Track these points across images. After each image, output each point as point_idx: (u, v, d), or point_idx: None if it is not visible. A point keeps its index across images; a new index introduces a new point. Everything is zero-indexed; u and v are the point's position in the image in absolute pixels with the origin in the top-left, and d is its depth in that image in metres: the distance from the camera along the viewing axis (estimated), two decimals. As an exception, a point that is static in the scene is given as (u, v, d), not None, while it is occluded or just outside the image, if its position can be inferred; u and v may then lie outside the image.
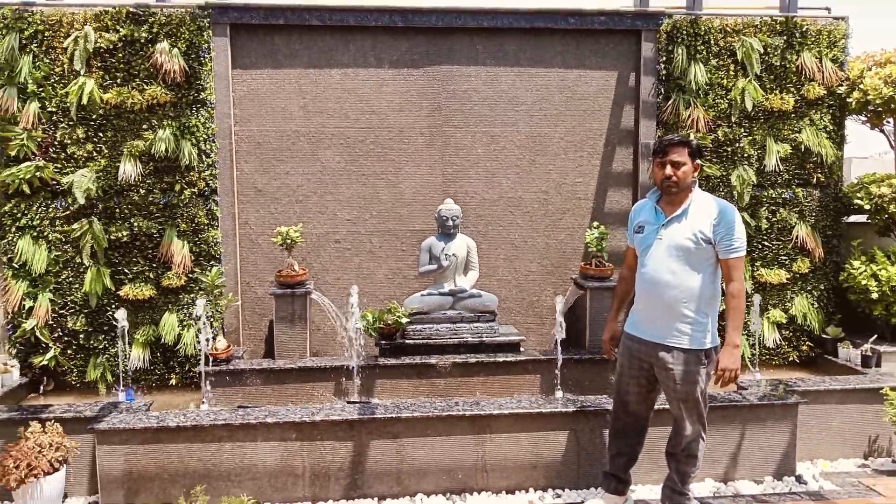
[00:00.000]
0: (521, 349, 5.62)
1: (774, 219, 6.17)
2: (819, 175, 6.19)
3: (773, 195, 6.16)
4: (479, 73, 6.01)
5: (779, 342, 6.16)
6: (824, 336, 6.13)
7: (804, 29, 6.08)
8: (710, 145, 6.02)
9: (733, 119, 6.06)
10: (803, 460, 4.84)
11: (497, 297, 5.69)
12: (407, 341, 5.51)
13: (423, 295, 5.61)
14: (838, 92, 6.10)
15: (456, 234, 5.66)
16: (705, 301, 3.58)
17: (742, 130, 6.08)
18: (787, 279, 6.16)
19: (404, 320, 5.46)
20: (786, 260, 6.19)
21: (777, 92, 6.08)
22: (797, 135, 6.11)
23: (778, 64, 6.07)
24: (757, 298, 5.64)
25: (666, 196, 3.68)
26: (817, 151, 6.09)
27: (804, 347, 6.25)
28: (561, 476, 4.44)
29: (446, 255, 5.56)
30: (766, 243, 6.18)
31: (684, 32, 5.98)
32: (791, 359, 6.25)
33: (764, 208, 6.14)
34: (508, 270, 6.18)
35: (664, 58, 6.03)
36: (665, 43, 6.02)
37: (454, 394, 5.35)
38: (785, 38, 6.06)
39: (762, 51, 6.00)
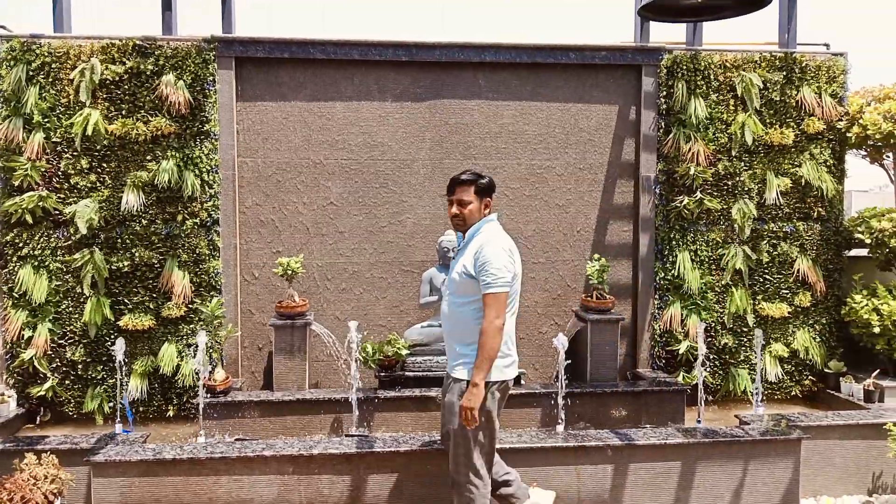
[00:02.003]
0: (522, 382, 5.58)
1: (775, 252, 6.17)
2: (820, 209, 6.21)
3: (774, 229, 6.17)
4: (481, 106, 6.06)
5: (781, 376, 6.13)
6: (826, 370, 6.09)
7: (804, 64, 6.15)
8: (711, 179, 6.04)
9: (733, 153, 6.09)
10: (806, 497, 4.78)
11: (498, 330, 5.66)
12: (407, 373, 5.48)
13: (424, 326, 5.59)
14: (838, 126, 6.15)
15: (457, 266, 5.65)
16: (469, 334, 3.52)
17: (742, 164, 6.11)
18: (789, 313, 6.14)
19: (404, 352, 5.44)
20: (787, 294, 6.18)
21: (777, 126, 6.12)
22: (797, 169, 6.14)
23: (778, 99, 6.12)
24: (758, 332, 5.61)
25: (459, 232, 3.80)
26: (817, 185, 6.11)
27: (806, 382, 6.21)
28: (561, 512, 4.38)
29: (447, 286, 5.54)
30: (768, 277, 6.17)
31: (684, 67, 6.04)
32: (793, 393, 6.21)
33: (765, 242, 6.15)
34: (509, 302, 6.16)
35: (664, 92, 6.09)
36: (665, 77, 6.08)
37: (454, 427, 5.30)
38: (784, 73, 6.12)
39: (762, 86, 6.06)
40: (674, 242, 6.11)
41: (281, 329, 5.48)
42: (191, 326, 5.59)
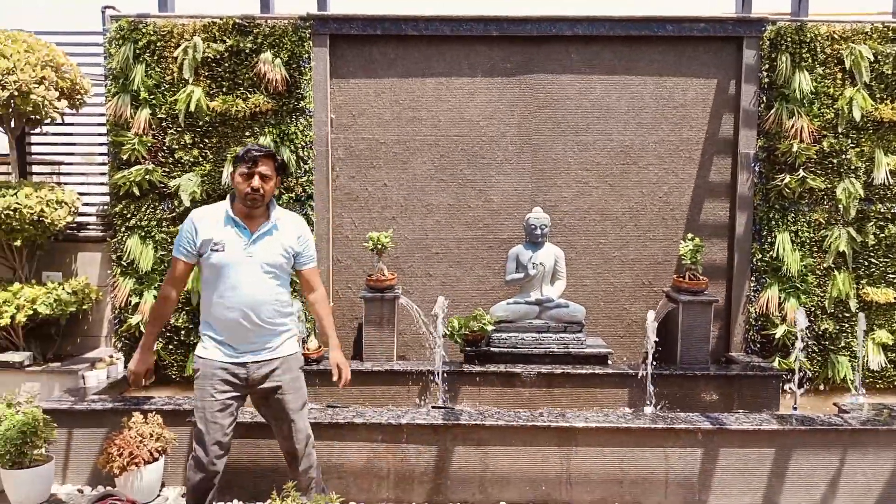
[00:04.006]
0: (609, 362, 5.53)
1: (882, 235, 5.83)
2: (935, 189, 5.83)
3: (882, 210, 5.83)
4: (573, 81, 5.96)
5: (884, 365, 5.83)
6: (937, 361, 5.75)
7: (921, 34, 5.75)
8: (815, 156, 5.76)
9: (840, 129, 5.78)
10: (911, 492, 4.55)
11: (584, 308, 5.62)
12: (492, 349, 5.52)
13: (510, 303, 5.61)
14: (958, 101, 5.73)
15: (544, 243, 5.64)
16: (289, 305, 3.63)
17: (849, 141, 5.79)
18: (895, 298, 5.81)
19: (490, 328, 5.48)
20: (894, 278, 5.85)
21: (888, 102, 5.76)
22: (911, 146, 5.77)
23: (890, 72, 5.75)
24: (861, 317, 5.35)
25: (246, 209, 3.41)
26: (933, 164, 5.73)
27: (913, 372, 5.89)
28: (647, 494, 4.34)
29: (534, 263, 5.54)
30: (873, 260, 5.86)
31: (789, 39, 5.75)
32: (898, 383, 5.91)
33: (871, 224, 5.83)
34: (597, 281, 6.09)
35: (766, 65, 5.82)
36: (768, 50, 5.81)
37: (538, 404, 5.32)
38: (899, 44, 5.74)
39: (872, 59, 5.70)
40: (773, 223, 5.87)
41: (371, 301, 5.61)
42: (285, 297, 5.79)
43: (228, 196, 3.50)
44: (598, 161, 6.01)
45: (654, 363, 5.17)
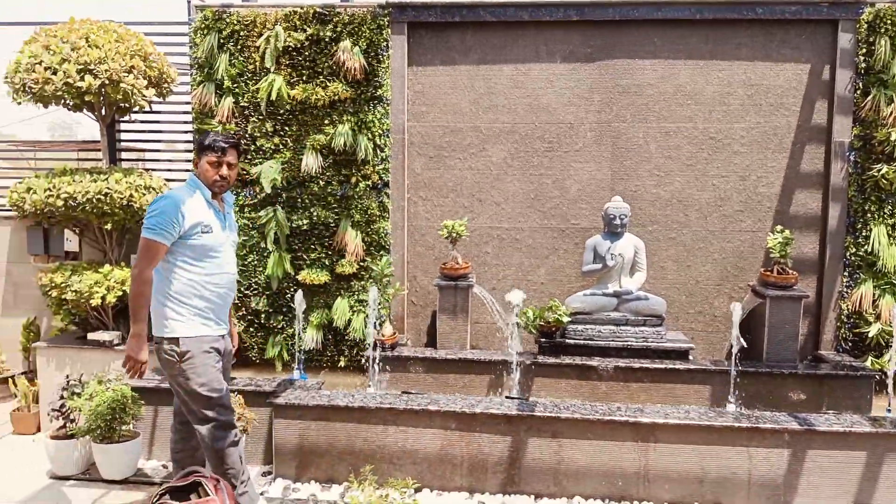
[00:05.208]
0: (690, 357, 5.36)
1: None
2: None
3: None
4: (655, 66, 5.78)
5: None
6: None
7: None
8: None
9: (946, 116, 5.41)
10: None
11: (665, 301, 5.46)
12: (567, 341, 5.43)
13: (586, 295, 5.50)
14: None
15: (623, 234, 5.50)
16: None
17: (957, 129, 5.41)
18: None
19: (565, 319, 5.39)
20: None
21: None
22: None
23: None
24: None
25: (213, 194, 3.65)
26: None
27: None
28: (728, 494, 4.19)
29: (612, 254, 5.42)
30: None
31: (888, 22, 5.41)
32: None
33: (980, 217, 5.45)
34: (678, 274, 5.91)
35: (864, 49, 5.49)
36: (865, 33, 5.48)
37: (615, 398, 5.21)
38: None
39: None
40: (868, 215, 5.55)
41: (445, 290, 5.60)
42: (361, 283, 5.85)
43: (190, 180, 3.64)
44: (682, 149, 5.82)
45: (739, 360, 4.98)
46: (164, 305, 3.51)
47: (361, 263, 5.84)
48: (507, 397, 5.01)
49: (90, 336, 5.58)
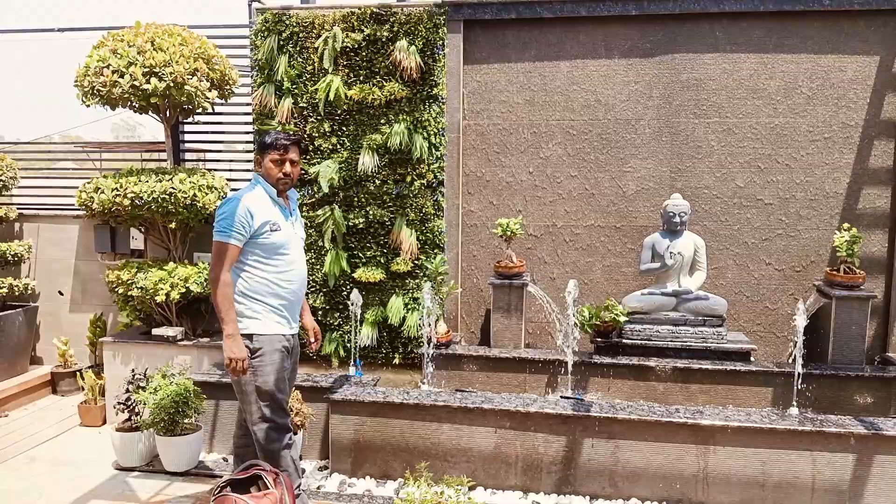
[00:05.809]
0: (752, 359, 5.22)
1: None
2: None
3: None
4: (717, 60, 5.64)
5: None
6: None
7: None
8: None
9: None
10: None
11: (726, 302, 5.34)
12: (624, 341, 5.35)
13: (644, 294, 5.41)
14: None
15: (682, 232, 5.39)
16: None
17: None
18: None
19: (622, 319, 5.31)
20: None
21: None
22: None
23: None
24: None
25: (278, 192, 3.69)
26: None
27: None
28: (791, 499, 4.07)
29: (671, 253, 5.32)
30: None
31: (969, 8, 5.17)
32: None
33: None
34: (739, 273, 5.75)
35: (941, 38, 5.26)
36: (943, 21, 5.24)
37: (673, 400, 5.12)
38: None
39: None
40: (944, 212, 5.31)
41: (499, 288, 5.58)
42: (416, 281, 5.89)
43: (254, 179, 3.70)
44: (744, 145, 5.66)
45: (803, 361, 4.83)
46: (240, 303, 3.58)
47: (416, 262, 5.88)
48: (562, 397, 4.96)
49: (154, 331, 5.76)
